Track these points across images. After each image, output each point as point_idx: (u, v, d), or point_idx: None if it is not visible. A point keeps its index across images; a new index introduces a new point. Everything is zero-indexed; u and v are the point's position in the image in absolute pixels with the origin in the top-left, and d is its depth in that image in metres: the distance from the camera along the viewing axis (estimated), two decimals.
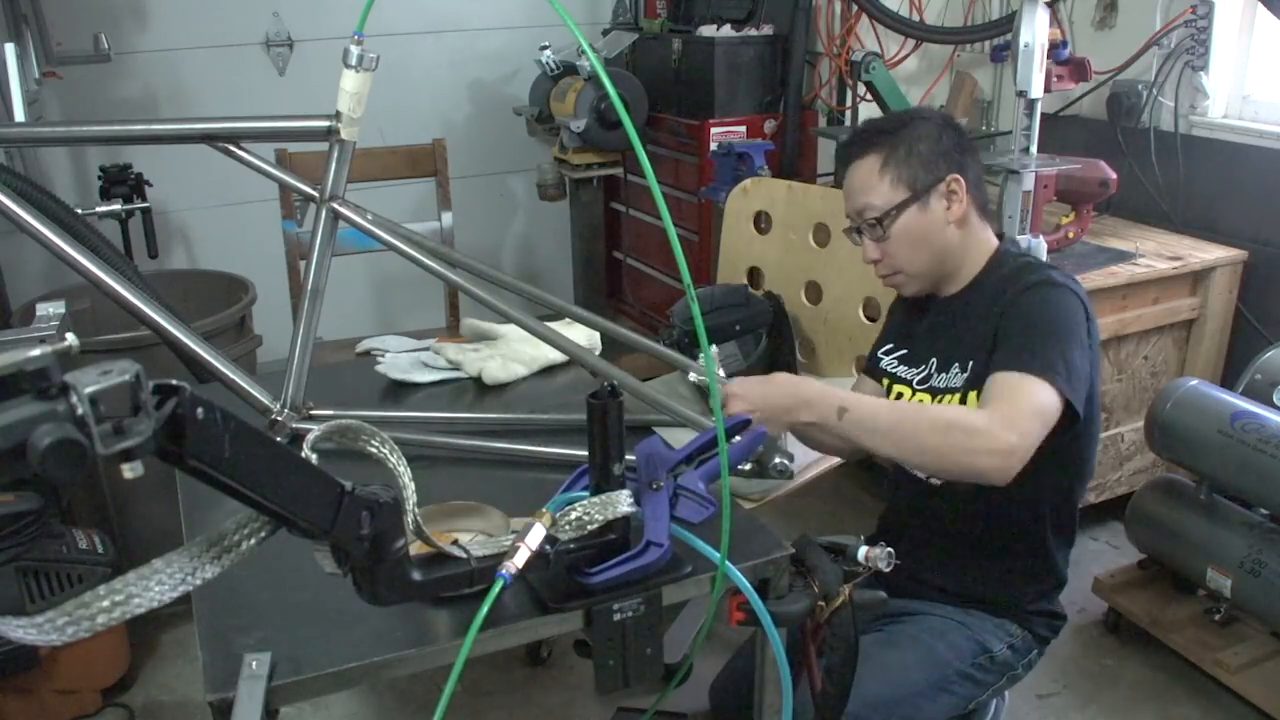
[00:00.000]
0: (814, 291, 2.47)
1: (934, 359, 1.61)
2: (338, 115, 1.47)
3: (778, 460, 1.29)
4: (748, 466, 1.31)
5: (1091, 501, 2.62)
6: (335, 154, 1.50)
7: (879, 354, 1.72)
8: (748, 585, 1.10)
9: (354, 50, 1.43)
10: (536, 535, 1.00)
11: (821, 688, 1.26)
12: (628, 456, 1.09)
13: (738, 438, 1.19)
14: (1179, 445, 2.17)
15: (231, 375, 1.44)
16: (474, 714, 2.12)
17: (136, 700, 2.19)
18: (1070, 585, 2.49)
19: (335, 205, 1.50)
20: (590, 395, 1.05)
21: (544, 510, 1.03)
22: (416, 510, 0.95)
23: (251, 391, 1.45)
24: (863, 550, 1.26)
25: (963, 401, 1.52)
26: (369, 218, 1.53)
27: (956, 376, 1.56)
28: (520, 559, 0.99)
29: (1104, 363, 2.50)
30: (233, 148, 1.53)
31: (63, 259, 1.40)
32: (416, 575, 0.97)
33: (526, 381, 1.75)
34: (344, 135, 1.48)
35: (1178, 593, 2.28)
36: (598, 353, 1.69)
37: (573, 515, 1.03)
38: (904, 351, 1.68)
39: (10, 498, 2.11)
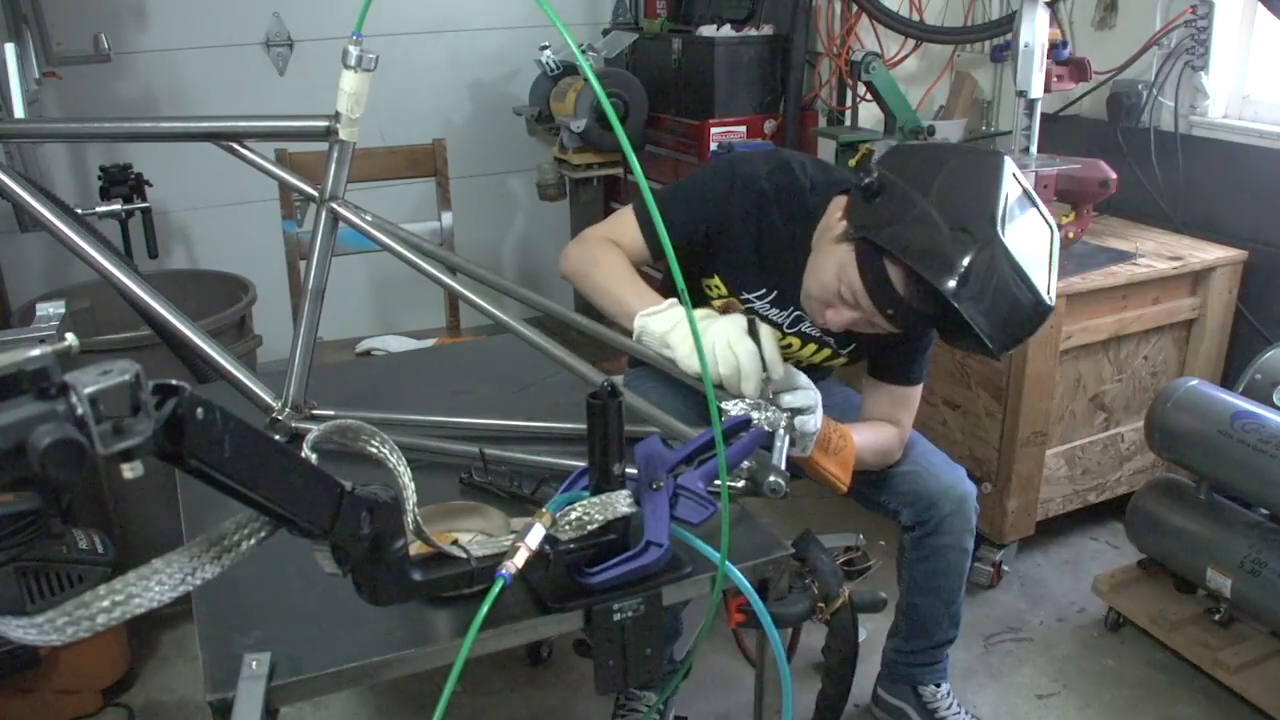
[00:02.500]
0: None
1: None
2: (337, 116, 1.47)
3: (772, 479, 1.29)
4: (741, 483, 1.32)
5: (1091, 501, 2.63)
6: (335, 154, 1.49)
7: (746, 295, 1.73)
8: (748, 586, 1.10)
9: (353, 51, 1.43)
10: (536, 535, 1.00)
11: (821, 688, 1.26)
12: (630, 471, 1.09)
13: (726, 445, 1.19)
14: (1179, 445, 2.17)
15: (234, 372, 1.44)
16: (474, 714, 2.12)
17: (136, 700, 2.19)
18: (1070, 585, 2.52)
19: (335, 206, 1.50)
20: (590, 395, 1.05)
21: (544, 510, 1.03)
22: (416, 510, 0.95)
23: (254, 389, 1.45)
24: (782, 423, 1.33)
25: (838, 355, 1.78)
26: (368, 219, 1.52)
27: (832, 335, 1.70)
28: (520, 559, 0.99)
29: (1104, 363, 2.50)
30: (236, 146, 1.53)
31: (73, 250, 1.40)
32: (416, 575, 0.97)
33: (526, 388, 1.75)
34: (343, 135, 1.47)
35: (1178, 593, 2.28)
36: None
37: (572, 515, 1.03)
38: (775, 293, 1.71)
39: (10, 497, 2.11)
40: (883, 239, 1.36)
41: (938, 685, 1.98)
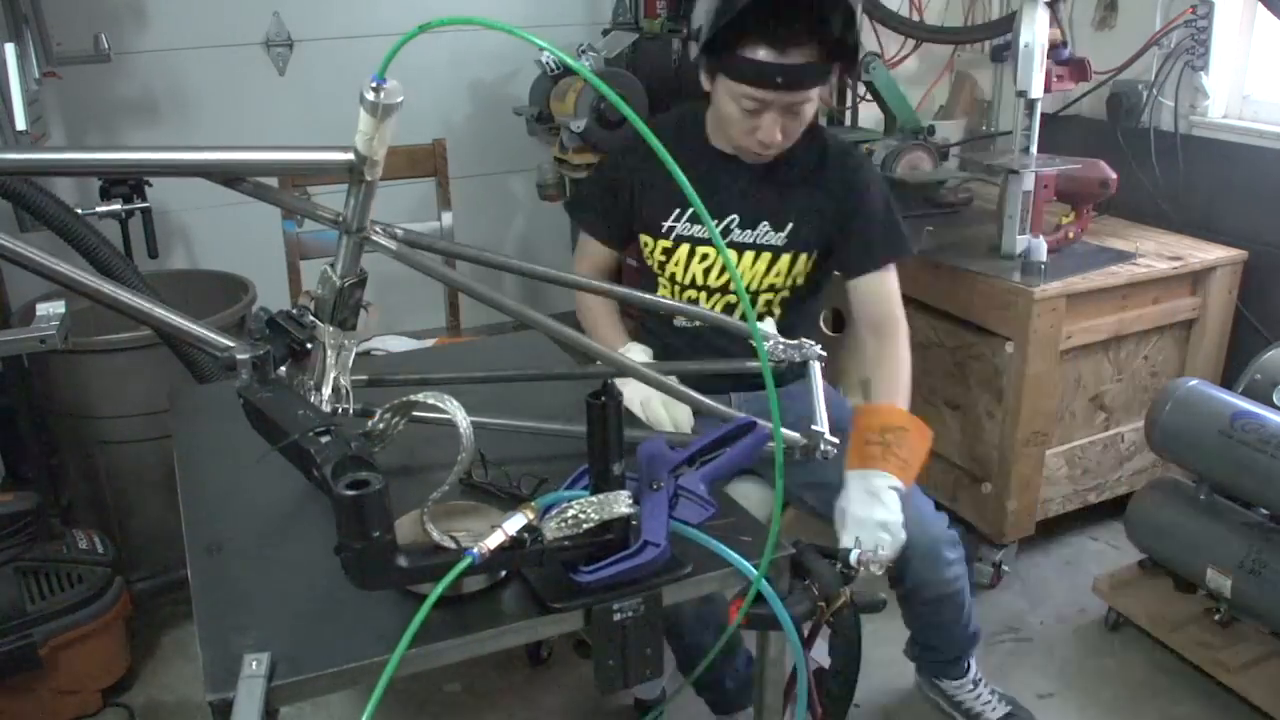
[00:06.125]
0: None
1: (734, 215, 1.79)
2: (357, 154, 1.33)
3: (824, 446, 1.35)
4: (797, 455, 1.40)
5: (1091, 501, 2.63)
6: (359, 191, 1.36)
7: (665, 224, 1.85)
8: (764, 582, 1.09)
9: (369, 97, 1.28)
10: (516, 523, 1.00)
11: (826, 689, 1.26)
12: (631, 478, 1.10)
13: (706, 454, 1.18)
14: (1179, 445, 2.17)
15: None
16: (474, 714, 2.12)
17: (136, 700, 2.19)
18: (1070, 585, 2.52)
19: (362, 235, 1.38)
20: (589, 395, 1.05)
21: (533, 503, 1.03)
22: (425, 509, 0.95)
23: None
24: (855, 554, 1.29)
25: (779, 256, 1.80)
26: (400, 234, 1.42)
27: (770, 235, 1.80)
28: (494, 541, 0.99)
29: (1104, 363, 2.50)
30: (251, 180, 1.43)
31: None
32: (403, 561, 0.98)
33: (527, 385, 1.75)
34: (367, 176, 1.33)
35: (1178, 593, 2.28)
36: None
37: (569, 513, 1.03)
38: (690, 211, 1.82)
39: (10, 497, 2.11)
40: (712, 30, 1.60)
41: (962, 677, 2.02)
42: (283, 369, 1.21)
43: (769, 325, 1.51)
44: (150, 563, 2.39)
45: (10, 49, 2.30)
